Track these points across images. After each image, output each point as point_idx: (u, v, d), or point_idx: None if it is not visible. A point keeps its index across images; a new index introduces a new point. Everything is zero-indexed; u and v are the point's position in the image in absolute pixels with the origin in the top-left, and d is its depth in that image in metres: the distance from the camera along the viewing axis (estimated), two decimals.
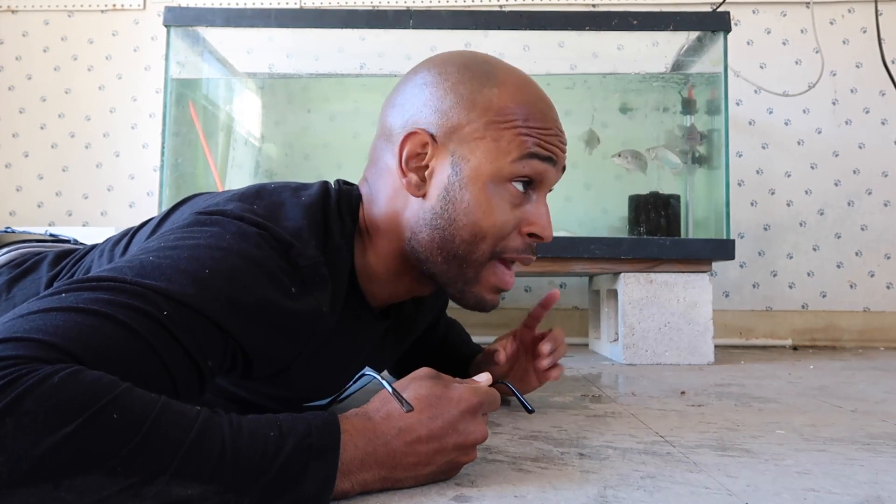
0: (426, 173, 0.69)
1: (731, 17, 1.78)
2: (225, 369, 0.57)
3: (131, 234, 0.78)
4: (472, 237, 0.68)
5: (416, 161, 0.69)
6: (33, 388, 0.40)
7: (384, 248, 0.72)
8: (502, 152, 0.67)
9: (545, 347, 0.92)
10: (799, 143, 2.31)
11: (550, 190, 0.73)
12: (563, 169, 0.74)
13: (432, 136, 0.69)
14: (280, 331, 0.59)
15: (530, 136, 0.68)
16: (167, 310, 0.50)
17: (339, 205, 0.71)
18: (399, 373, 1.07)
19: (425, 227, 0.69)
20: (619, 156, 1.91)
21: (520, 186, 0.69)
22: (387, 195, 0.71)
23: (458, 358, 1.04)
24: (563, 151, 0.72)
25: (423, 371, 0.60)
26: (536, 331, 0.96)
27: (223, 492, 0.44)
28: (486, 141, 0.67)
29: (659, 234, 1.81)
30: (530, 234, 0.70)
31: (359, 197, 0.74)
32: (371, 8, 2.26)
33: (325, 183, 0.73)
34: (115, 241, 0.78)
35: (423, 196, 0.69)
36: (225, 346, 0.54)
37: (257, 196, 0.67)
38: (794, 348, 2.17)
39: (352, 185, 0.77)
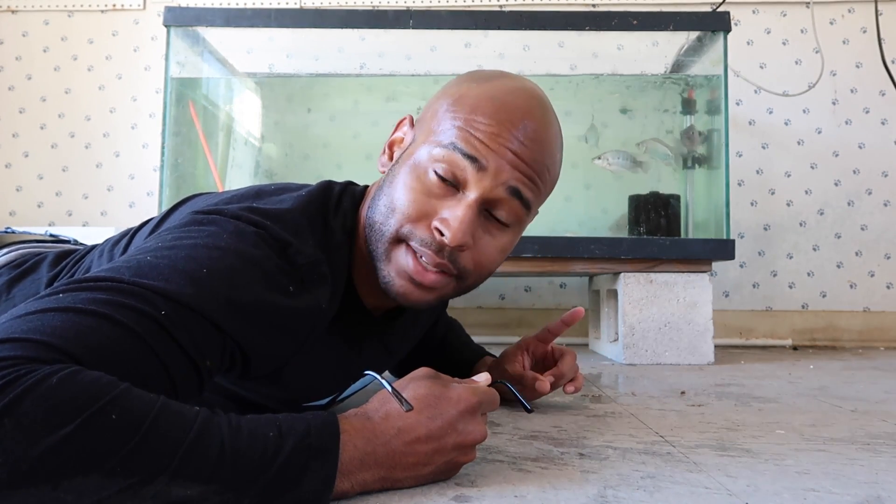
0: (396, 153, 0.71)
1: (731, 17, 1.78)
2: (223, 369, 0.57)
3: (131, 234, 0.78)
4: (387, 209, 0.66)
5: (399, 145, 0.72)
6: (32, 388, 0.40)
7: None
8: (436, 138, 0.66)
9: (566, 377, 0.94)
10: (799, 143, 2.31)
11: (485, 195, 0.64)
12: (515, 192, 0.65)
13: (412, 122, 0.72)
14: (278, 330, 0.59)
15: (463, 129, 0.64)
16: (165, 309, 0.50)
17: (340, 202, 0.70)
18: (399, 373, 1.07)
19: (373, 200, 0.70)
20: (600, 158, 1.89)
21: (441, 173, 0.64)
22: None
23: (459, 361, 1.03)
24: (509, 164, 0.64)
25: (423, 371, 0.60)
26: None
27: (223, 492, 0.44)
28: (430, 123, 0.68)
29: (659, 234, 1.81)
30: (438, 230, 0.64)
31: (362, 195, 0.74)
32: (371, 8, 2.26)
33: (328, 181, 0.73)
34: (114, 242, 0.78)
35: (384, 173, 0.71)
36: (223, 345, 0.54)
37: (256, 196, 0.67)
38: (794, 348, 2.17)
39: (356, 185, 0.77)
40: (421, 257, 0.65)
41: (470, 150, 0.63)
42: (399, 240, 0.66)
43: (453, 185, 0.65)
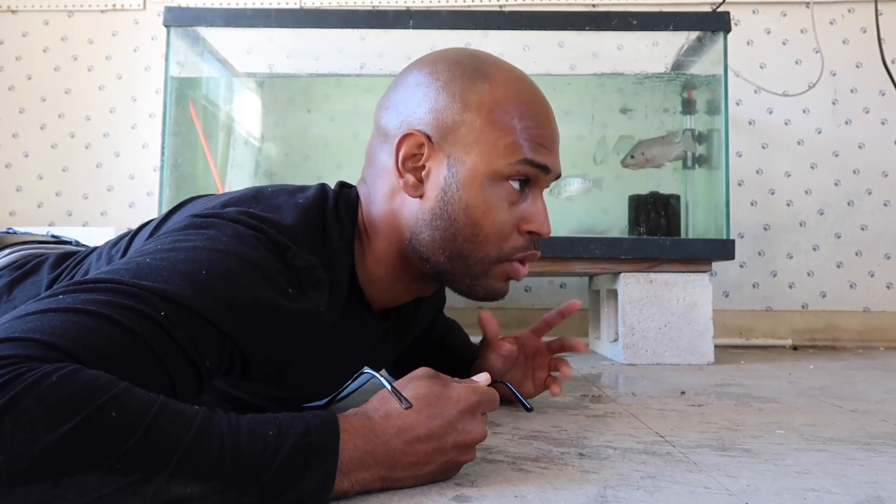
0: (423, 174, 0.69)
1: (731, 17, 1.78)
2: (223, 370, 0.57)
3: (130, 236, 0.78)
4: (474, 236, 0.68)
5: (413, 162, 0.70)
6: (32, 386, 0.40)
7: (383, 249, 0.72)
8: (498, 154, 0.68)
9: (556, 365, 0.94)
10: (799, 143, 2.31)
11: (547, 186, 0.74)
12: (558, 175, 0.74)
13: (428, 137, 0.69)
14: (277, 332, 0.59)
15: (527, 141, 0.69)
16: (164, 310, 0.50)
17: (336, 207, 0.71)
18: (398, 373, 1.07)
19: (425, 227, 0.69)
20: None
21: (516, 185, 0.69)
22: (384, 196, 0.72)
23: (458, 360, 1.03)
24: (557, 154, 0.72)
25: (422, 370, 0.60)
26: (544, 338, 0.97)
27: (222, 490, 0.44)
28: (481, 142, 0.68)
29: (659, 234, 1.81)
30: (530, 232, 0.71)
31: (357, 198, 0.74)
32: (371, 8, 2.25)
33: (323, 185, 0.74)
34: (113, 244, 0.78)
35: (421, 197, 0.69)
36: (222, 346, 0.54)
37: (254, 199, 0.67)
38: (794, 348, 2.17)
39: (351, 186, 0.77)
40: (523, 258, 0.72)
41: (542, 160, 0.70)
42: (499, 261, 0.71)
43: (524, 187, 0.71)
